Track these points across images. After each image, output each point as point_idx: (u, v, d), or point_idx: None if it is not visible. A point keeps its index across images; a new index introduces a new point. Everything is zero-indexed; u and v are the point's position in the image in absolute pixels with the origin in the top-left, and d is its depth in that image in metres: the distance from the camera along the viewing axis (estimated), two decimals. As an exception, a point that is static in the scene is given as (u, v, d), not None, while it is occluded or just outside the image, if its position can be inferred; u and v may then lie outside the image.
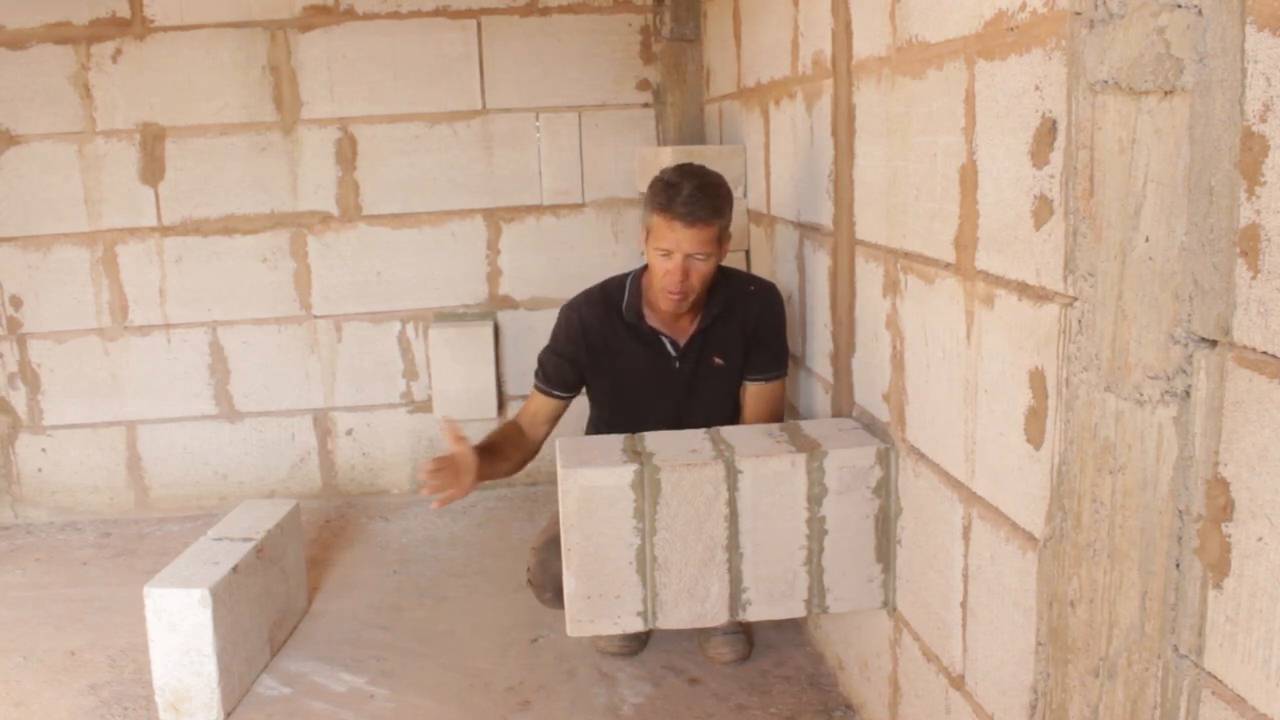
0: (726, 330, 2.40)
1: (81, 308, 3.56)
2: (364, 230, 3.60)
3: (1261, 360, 0.93)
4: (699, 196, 2.18)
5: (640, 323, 2.39)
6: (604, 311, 2.41)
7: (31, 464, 3.65)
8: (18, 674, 2.58)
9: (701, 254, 2.22)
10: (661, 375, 2.42)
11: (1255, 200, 0.92)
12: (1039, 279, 1.33)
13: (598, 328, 2.41)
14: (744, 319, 2.40)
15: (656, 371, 2.42)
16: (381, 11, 3.49)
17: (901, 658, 1.95)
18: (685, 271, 2.22)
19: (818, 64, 2.28)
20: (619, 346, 2.41)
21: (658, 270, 2.25)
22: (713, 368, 2.42)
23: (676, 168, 2.29)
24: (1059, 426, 1.29)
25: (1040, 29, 1.29)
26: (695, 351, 2.40)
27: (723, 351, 2.41)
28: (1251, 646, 0.95)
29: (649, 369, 2.41)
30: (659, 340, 2.40)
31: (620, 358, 2.42)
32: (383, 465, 3.74)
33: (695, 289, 2.27)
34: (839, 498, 1.95)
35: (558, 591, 2.11)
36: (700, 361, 2.41)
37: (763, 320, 2.42)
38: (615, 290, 2.44)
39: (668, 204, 2.19)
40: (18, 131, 3.46)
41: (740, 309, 2.40)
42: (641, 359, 2.41)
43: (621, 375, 2.44)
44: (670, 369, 2.41)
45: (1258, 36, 0.91)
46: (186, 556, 2.41)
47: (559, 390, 2.45)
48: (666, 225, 2.19)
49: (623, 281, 2.44)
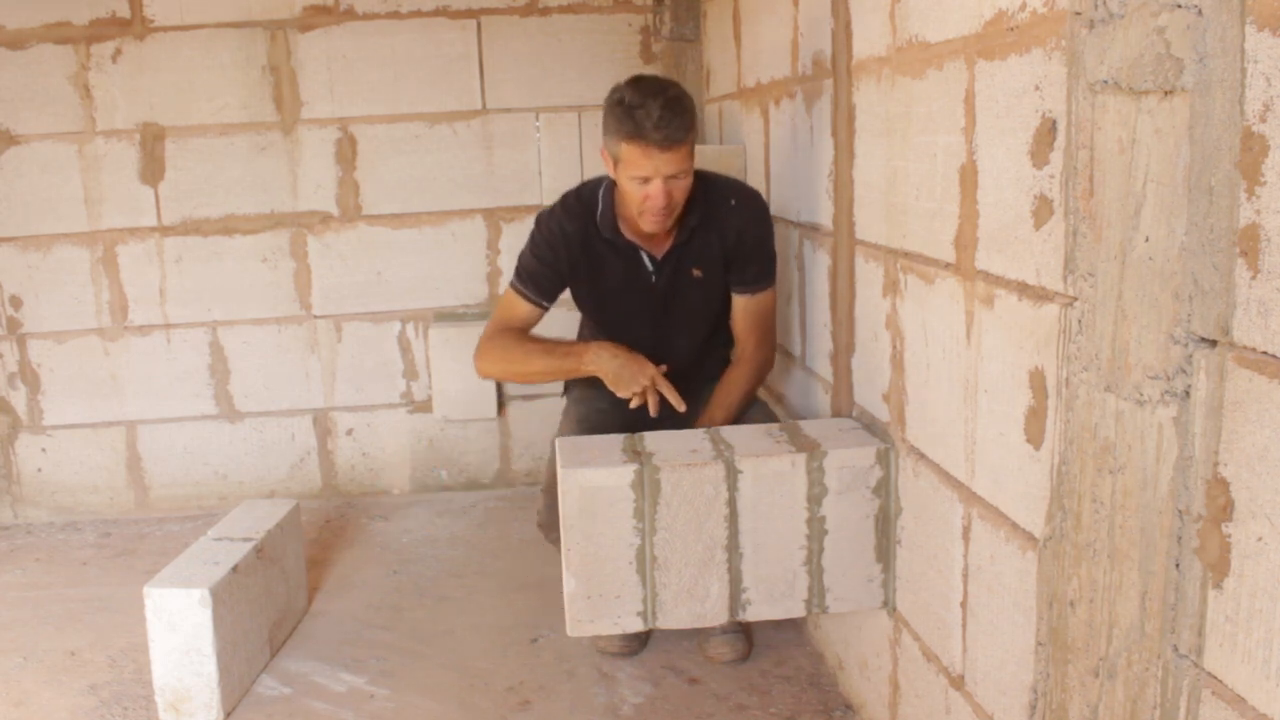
0: (705, 242, 2.32)
1: (81, 308, 3.56)
2: (364, 230, 3.60)
3: (1261, 360, 0.93)
4: (669, 116, 2.06)
5: (617, 236, 2.31)
6: (582, 225, 2.33)
7: (31, 464, 3.65)
8: (18, 674, 2.58)
9: (681, 172, 2.13)
10: (639, 288, 2.36)
11: (1255, 200, 0.92)
12: (1039, 279, 1.33)
13: (578, 240, 2.33)
14: (722, 232, 2.32)
15: (634, 284, 2.36)
16: (381, 11, 3.49)
17: (901, 658, 1.95)
18: (667, 193, 2.13)
19: (818, 64, 2.28)
20: (597, 260, 2.34)
21: (635, 197, 2.16)
22: (691, 280, 2.36)
23: (633, 84, 2.14)
24: (1059, 426, 1.29)
25: (1040, 29, 1.29)
26: (672, 264, 2.34)
27: (701, 264, 2.34)
28: (1251, 646, 0.95)
29: (626, 282, 2.36)
30: (636, 253, 2.33)
31: (599, 270, 2.35)
32: (383, 465, 3.74)
33: (678, 205, 2.19)
34: (839, 498, 1.95)
35: None
36: (678, 274, 2.35)
37: (744, 234, 2.33)
38: (590, 200, 2.34)
39: (638, 131, 2.06)
40: (18, 131, 3.46)
41: (719, 222, 2.31)
42: (619, 272, 2.35)
43: (600, 287, 2.38)
44: (648, 282, 2.35)
45: (1258, 36, 0.91)
46: (186, 556, 2.41)
47: (546, 300, 2.39)
48: (641, 153, 2.09)
49: (595, 191, 2.34)
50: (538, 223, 2.39)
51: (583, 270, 2.36)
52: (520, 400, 3.73)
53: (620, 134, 2.11)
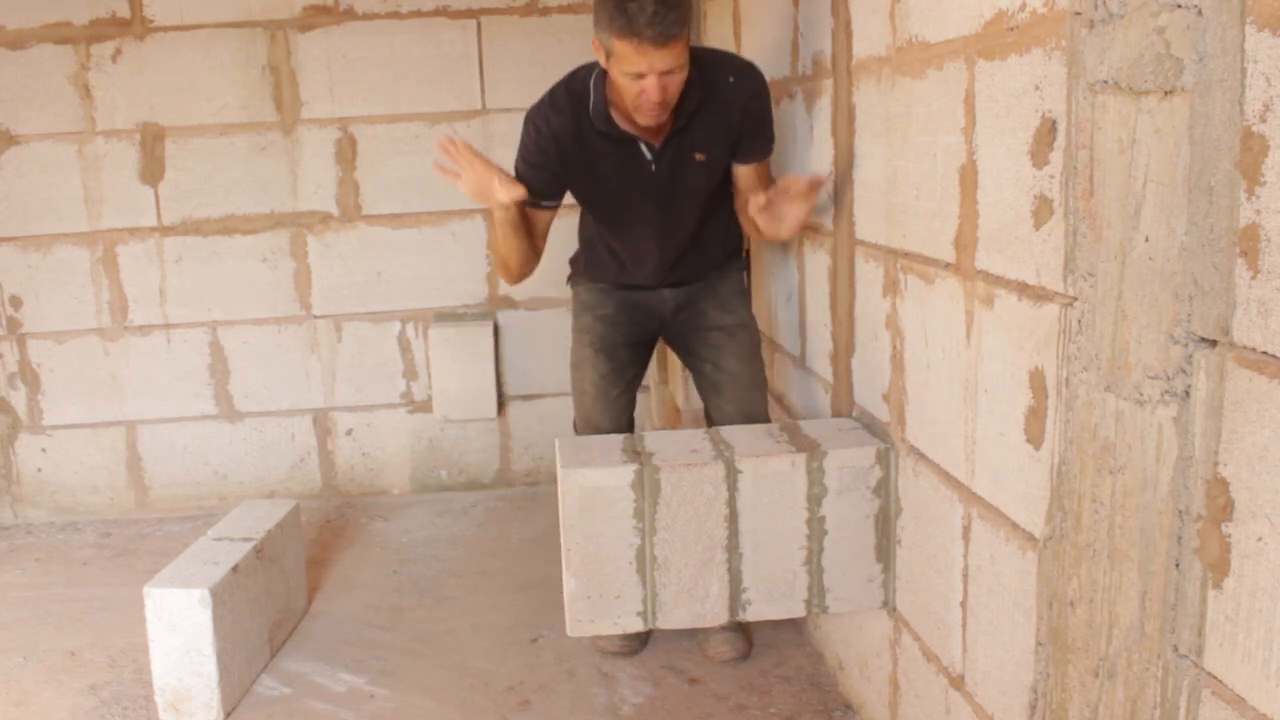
0: (706, 124, 2.25)
1: (81, 308, 3.56)
2: (364, 230, 3.60)
3: (1261, 360, 0.93)
4: (663, 11, 1.98)
5: (611, 127, 2.23)
6: (573, 119, 2.24)
7: (31, 464, 3.65)
8: (18, 674, 2.58)
9: (676, 66, 2.06)
10: (638, 179, 2.29)
11: (1255, 200, 0.92)
12: (1039, 279, 1.33)
13: (569, 137, 2.25)
14: (725, 112, 2.25)
15: (633, 176, 2.28)
16: (381, 11, 3.49)
17: (901, 658, 1.95)
18: (662, 88, 2.06)
19: (818, 64, 2.28)
20: (592, 154, 2.26)
21: (630, 91, 2.08)
22: (693, 164, 2.29)
23: None
24: (1059, 426, 1.29)
25: (1040, 29, 1.29)
26: (672, 152, 2.26)
27: (703, 147, 2.27)
28: (1251, 646, 0.95)
29: (625, 174, 2.28)
30: (634, 144, 2.25)
31: (595, 165, 2.28)
32: (383, 465, 3.74)
33: (674, 98, 2.12)
34: (839, 498, 1.95)
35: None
36: (678, 161, 2.27)
37: (748, 113, 2.26)
38: (581, 91, 2.25)
39: (631, 28, 1.99)
40: (18, 131, 3.46)
41: (719, 102, 2.24)
42: (616, 164, 2.27)
43: (598, 182, 2.31)
44: (647, 173, 2.28)
45: (1258, 36, 0.91)
46: (186, 556, 2.41)
47: (546, 201, 2.32)
48: (634, 50, 2.00)
49: (586, 81, 2.25)
50: (526, 122, 2.30)
51: (577, 166, 2.28)
52: (520, 400, 3.73)
53: (612, 29, 2.02)
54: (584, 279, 2.59)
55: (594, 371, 2.49)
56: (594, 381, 2.50)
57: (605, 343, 2.50)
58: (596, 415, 2.50)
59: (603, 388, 2.49)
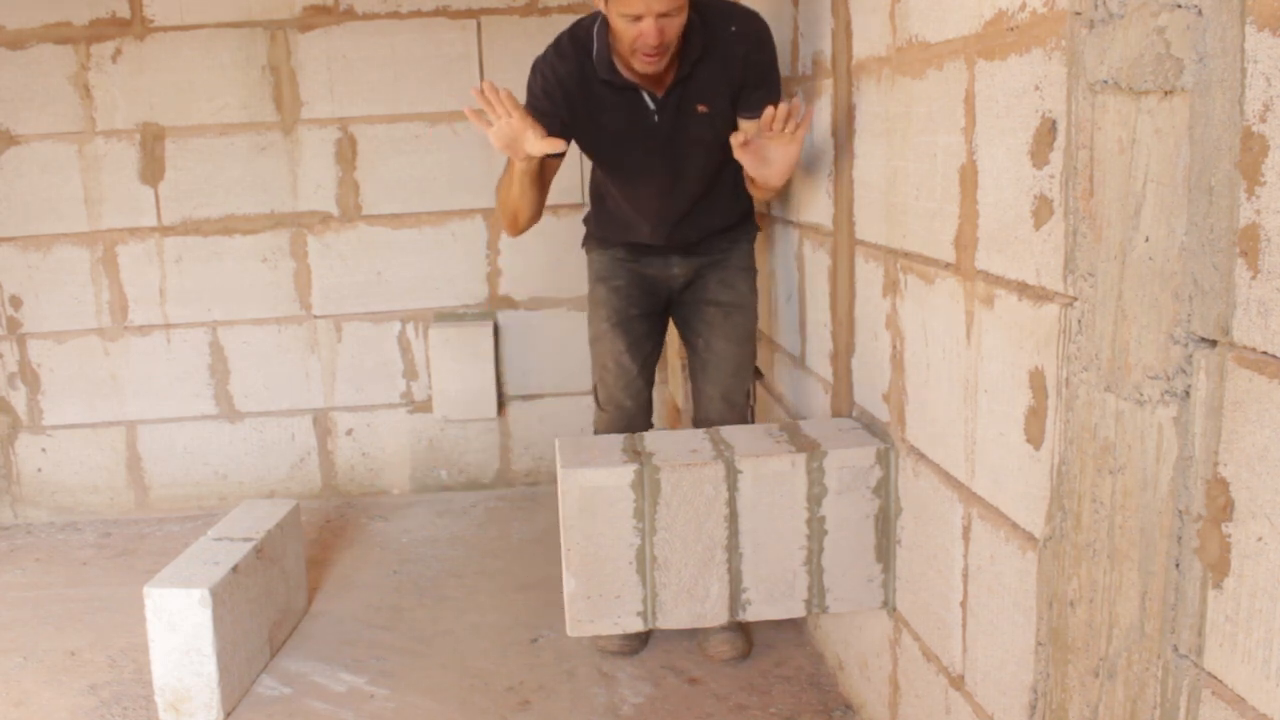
0: (709, 74, 2.22)
1: (81, 308, 3.56)
2: (364, 230, 3.60)
3: (1261, 360, 0.93)
4: None
5: (614, 75, 2.21)
6: (577, 66, 2.23)
7: (31, 464, 3.65)
8: (18, 674, 2.58)
9: (673, 9, 2.03)
10: (642, 130, 2.27)
11: (1255, 200, 0.92)
12: (1039, 279, 1.33)
13: (574, 84, 2.23)
14: (726, 63, 2.22)
15: (636, 126, 2.27)
16: (381, 11, 3.49)
17: (901, 658, 1.95)
18: (659, 31, 2.03)
19: (818, 64, 2.28)
20: (596, 102, 2.25)
21: (627, 35, 2.06)
22: (697, 116, 2.26)
23: None
24: (1059, 426, 1.29)
25: (1040, 29, 1.29)
26: (675, 102, 2.24)
27: (706, 98, 2.25)
28: (1251, 646, 0.95)
29: (628, 124, 2.26)
30: (636, 93, 2.23)
31: (599, 114, 2.26)
32: (383, 465, 3.74)
33: (672, 44, 2.09)
34: (839, 498, 1.95)
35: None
36: (681, 112, 2.25)
37: (749, 60, 2.23)
38: (585, 40, 2.24)
39: None
40: (18, 131, 3.46)
41: (721, 51, 2.21)
42: (620, 114, 2.26)
43: (602, 132, 2.30)
44: (650, 123, 2.26)
45: (1258, 36, 0.91)
46: (186, 556, 2.41)
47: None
48: None
49: (590, 29, 2.24)
50: (533, 70, 2.29)
51: (581, 114, 2.26)
52: (520, 400, 3.73)
53: None
54: (596, 243, 2.60)
55: (613, 346, 2.51)
56: (614, 357, 2.51)
57: (621, 315, 2.51)
58: (619, 392, 2.53)
59: (623, 364, 2.51)
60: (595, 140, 2.35)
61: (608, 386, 2.55)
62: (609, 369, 2.53)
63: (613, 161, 2.40)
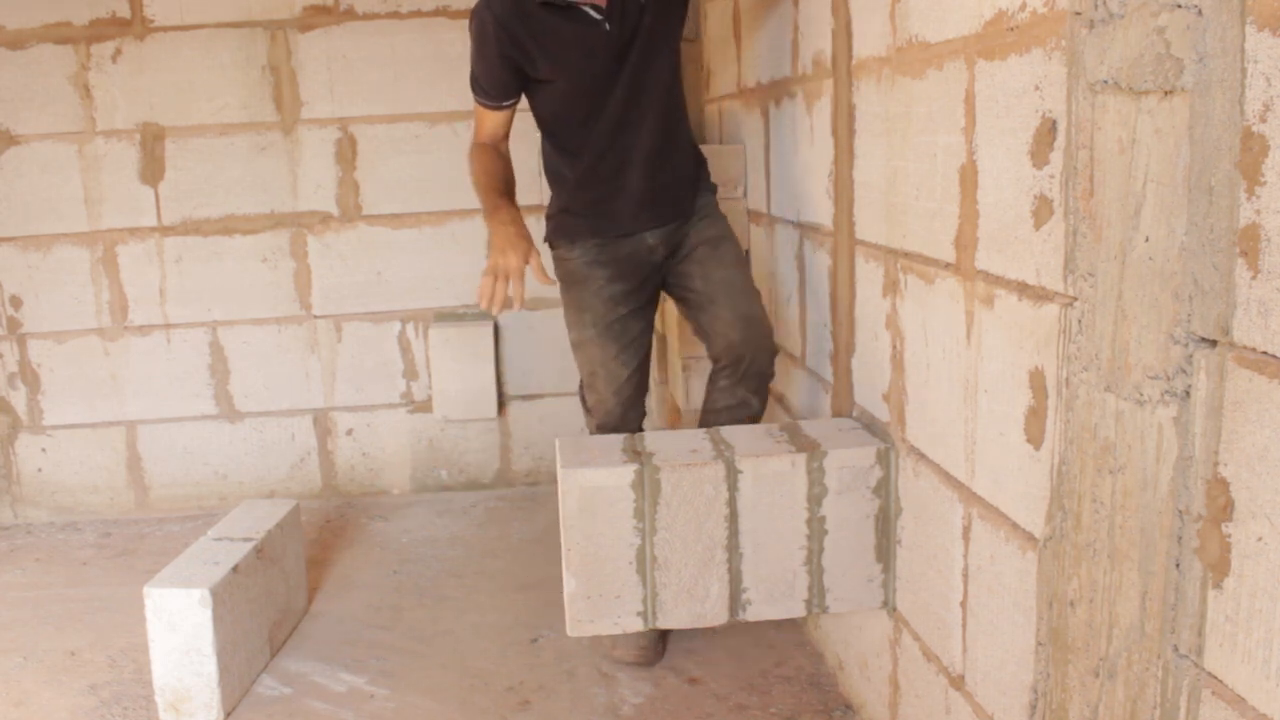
0: None
1: (81, 308, 3.56)
2: (364, 230, 3.60)
3: (1261, 360, 0.93)
4: None
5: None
6: (514, 1, 2.20)
7: (31, 464, 3.65)
8: (18, 674, 2.58)
9: None
10: (597, 45, 2.23)
11: (1255, 200, 0.92)
12: (1039, 279, 1.33)
13: (514, 17, 2.20)
14: None
15: (588, 42, 2.23)
16: (381, 11, 3.49)
17: (901, 658, 1.95)
18: None
19: (818, 64, 2.28)
20: (542, 32, 2.21)
21: None
22: (642, 10, 2.25)
23: None
24: (1059, 426, 1.29)
25: (1040, 29, 1.29)
26: (619, 7, 2.22)
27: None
28: (1251, 646, 0.95)
29: (579, 43, 2.23)
30: (580, 11, 2.21)
31: (548, 44, 2.22)
32: (383, 465, 3.74)
33: None
34: (839, 498, 1.95)
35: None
36: (625, 13, 2.23)
37: None
38: None
39: None
40: (18, 131, 3.46)
41: None
42: (570, 36, 2.22)
43: (556, 63, 2.24)
44: (602, 34, 2.22)
45: (1258, 36, 0.91)
46: (186, 556, 2.41)
47: (505, 100, 2.31)
48: None
49: None
50: (470, 20, 2.27)
51: (531, 49, 2.22)
52: (520, 400, 3.73)
53: None
54: (563, 237, 2.46)
55: (602, 353, 2.42)
56: (603, 364, 2.43)
57: (606, 320, 2.41)
58: (609, 396, 2.45)
59: (613, 370, 2.44)
60: (551, 73, 2.27)
61: (597, 391, 2.47)
62: (599, 375, 2.45)
63: (570, 91, 2.30)
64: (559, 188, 2.47)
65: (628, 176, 2.37)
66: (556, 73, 2.27)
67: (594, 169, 2.38)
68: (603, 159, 2.36)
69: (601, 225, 2.41)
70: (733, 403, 2.43)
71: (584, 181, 2.40)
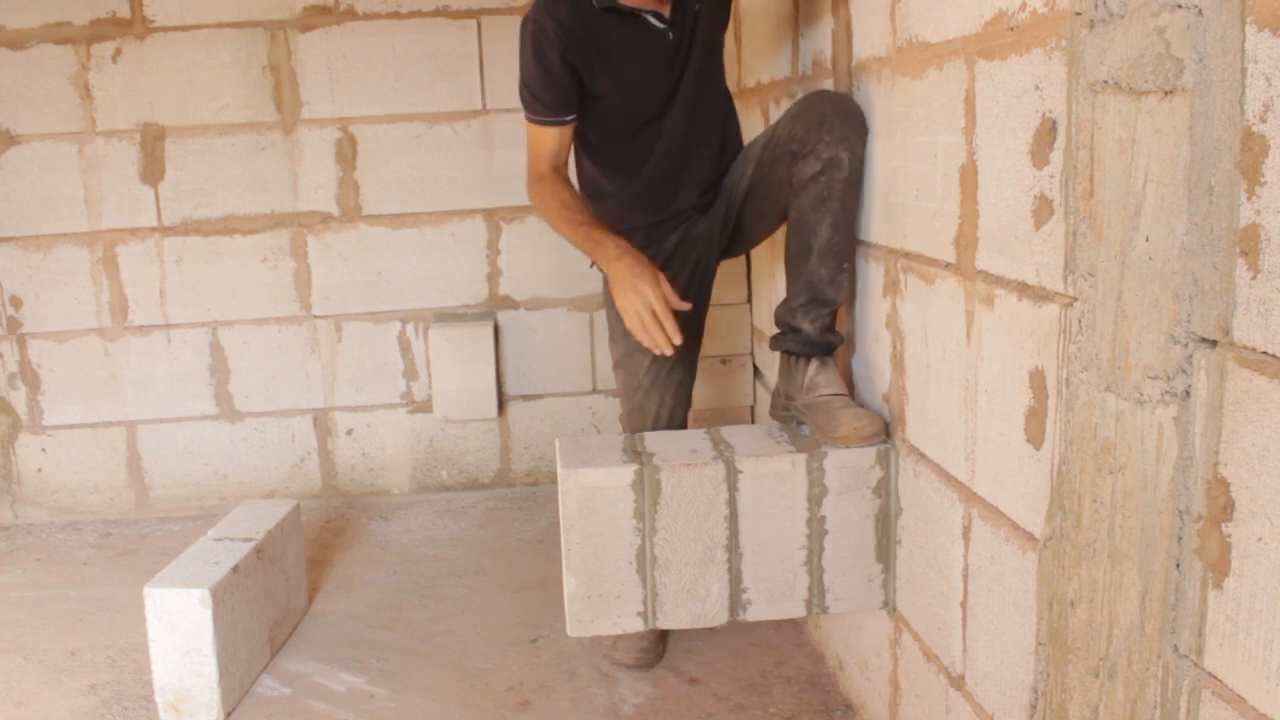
0: None
1: (81, 308, 3.56)
2: (364, 230, 3.60)
3: (1261, 360, 0.93)
4: None
5: (615, 4, 2.08)
6: (573, 7, 2.08)
7: (31, 464, 3.65)
8: (18, 674, 2.58)
9: None
10: (657, 56, 2.14)
11: (1255, 200, 0.92)
12: (1039, 279, 1.33)
13: (576, 25, 2.07)
14: None
15: (651, 53, 2.13)
16: (381, 11, 3.49)
17: (901, 658, 1.95)
18: None
19: (818, 64, 2.28)
20: (604, 42, 2.10)
21: None
22: (700, 30, 2.17)
23: None
24: (1059, 426, 1.29)
25: (1040, 29, 1.29)
26: (680, 17, 2.14)
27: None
28: (1251, 646, 0.96)
29: (642, 53, 2.12)
30: (642, 19, 2.11)
31: (611, 52, 2.10)
32: (383, 465, 3.74)
33: None
34: (839, 498, 1.95)
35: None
36: (683, 26, 2.14)
37: None
38: None
39: None
40: (18, 131, 3.46)
41: None
42: (632, 45, 2.11)
43: (616, 75, 2.12)
44: (664, 43, 2.13)
45: (1258, 36, 0.91)
46: (186, 556, 2.41)
47: (568, 114, 2.15)
48: None
49: None
50: (523, 29, 2.13)
51: (594, 57, 2.09)
52: (520, 400, 3.73)
53: None
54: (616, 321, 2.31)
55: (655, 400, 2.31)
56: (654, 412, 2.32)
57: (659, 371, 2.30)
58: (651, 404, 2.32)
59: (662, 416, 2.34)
60: (609, 85, 2.14)
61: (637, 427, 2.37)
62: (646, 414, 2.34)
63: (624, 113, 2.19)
64: (597, 204, 2.29)
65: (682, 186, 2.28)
66: (612, 85, 2.15)
67: (648, 184, 2.28)
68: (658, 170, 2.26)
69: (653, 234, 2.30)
70: (819, 168, 1.97)
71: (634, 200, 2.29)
